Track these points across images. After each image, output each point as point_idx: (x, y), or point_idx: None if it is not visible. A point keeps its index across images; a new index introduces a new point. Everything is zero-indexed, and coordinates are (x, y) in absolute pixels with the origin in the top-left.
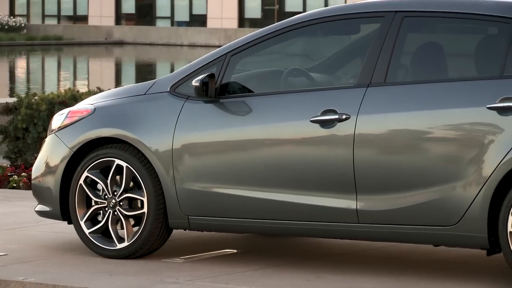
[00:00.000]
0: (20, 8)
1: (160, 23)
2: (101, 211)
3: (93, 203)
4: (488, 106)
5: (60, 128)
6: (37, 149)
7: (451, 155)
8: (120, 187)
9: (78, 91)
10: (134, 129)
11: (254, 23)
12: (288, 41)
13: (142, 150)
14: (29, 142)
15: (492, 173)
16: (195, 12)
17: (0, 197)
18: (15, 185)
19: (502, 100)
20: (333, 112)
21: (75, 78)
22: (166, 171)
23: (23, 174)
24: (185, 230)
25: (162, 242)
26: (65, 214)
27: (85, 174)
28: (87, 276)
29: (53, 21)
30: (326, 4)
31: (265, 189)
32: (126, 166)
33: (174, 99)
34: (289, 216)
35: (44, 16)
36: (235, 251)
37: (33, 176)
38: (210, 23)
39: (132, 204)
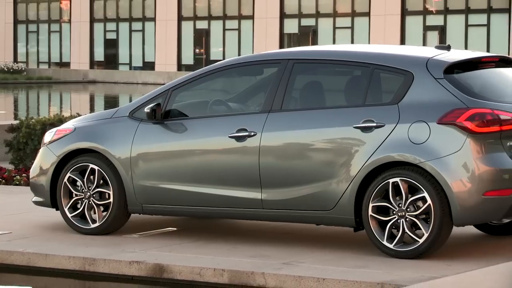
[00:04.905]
0: (21, 56)
1: (121, 68)
2: (80, 201)
3: (74, 195)
4: (354, 126)
5: (50, 142)
6: (34, 157)
7: (328, 160)
8: (93, 184)
9: (63, 116)
10: (103, 143)
11: (189, 67)
12: (212, 80)
13: (109, 157)
14: (28, 152)
15: (357, 173)
16: (146, 60)
17: (6, 191)
18: (18, 182)
19: (364, 122)
20: (245, 130)
21: (61, 106)
22: (126, 172)
23: (23, 175)
24: (140, 214)
25: (123, 223)
26: (54, 203)
27: (68, 174)
28: (70, 247)
29: (45, 66)
30: (239, 54)
31: (196, 185)
32: (98, 169)
33: (132, 121)
34: (214, 204)
35: (38, 62)
36: (175, 229)
37: (31, 176)
38: (157, 68)
39: (102, 196)
